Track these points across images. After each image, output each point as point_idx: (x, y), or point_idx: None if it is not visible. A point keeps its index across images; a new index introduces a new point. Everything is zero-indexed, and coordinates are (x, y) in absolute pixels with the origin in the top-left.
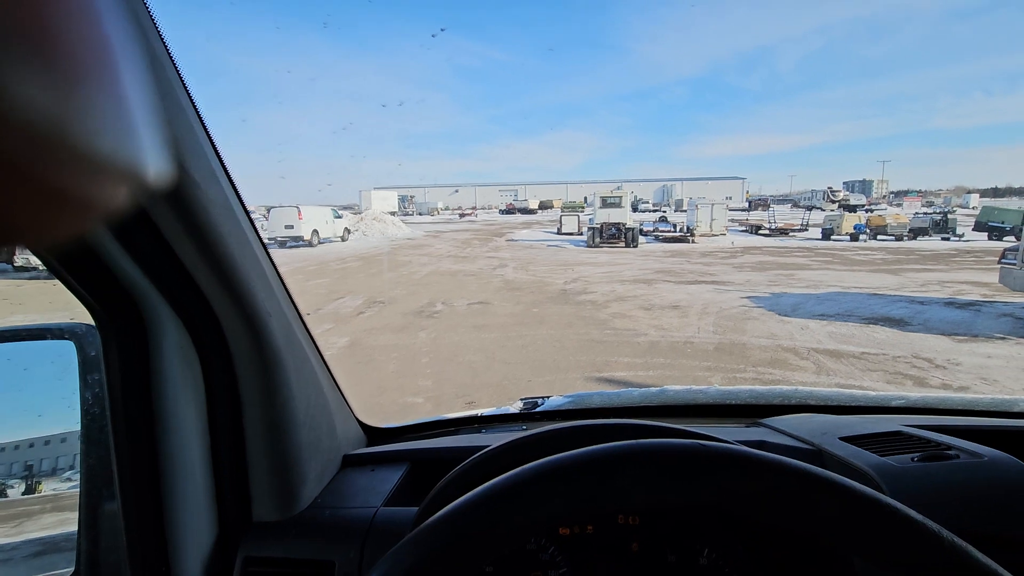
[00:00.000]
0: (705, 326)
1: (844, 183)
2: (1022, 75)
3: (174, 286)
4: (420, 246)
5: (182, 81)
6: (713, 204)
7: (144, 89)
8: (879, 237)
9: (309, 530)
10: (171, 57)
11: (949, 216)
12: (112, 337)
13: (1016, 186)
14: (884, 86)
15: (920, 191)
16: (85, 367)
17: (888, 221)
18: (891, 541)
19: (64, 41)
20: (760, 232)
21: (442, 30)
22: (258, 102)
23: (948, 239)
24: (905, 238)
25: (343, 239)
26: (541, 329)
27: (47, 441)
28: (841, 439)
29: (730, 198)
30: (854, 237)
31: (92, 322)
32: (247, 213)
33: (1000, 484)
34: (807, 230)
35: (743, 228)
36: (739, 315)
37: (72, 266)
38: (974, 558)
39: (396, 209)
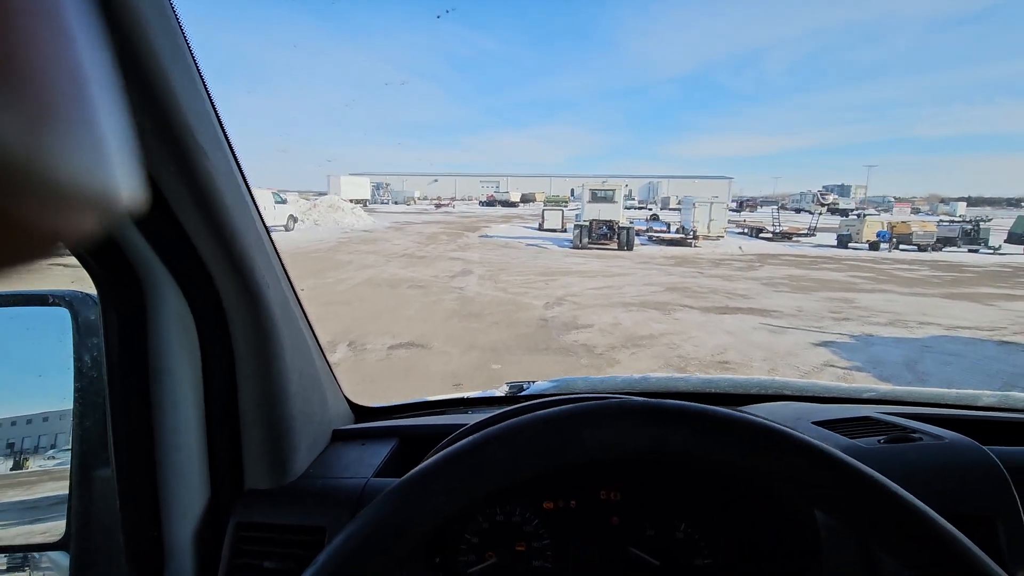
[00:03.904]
0: None
1: (824, 187)
2: (1000, 86)
3: (175, 253)
4: (374, 240)
5: (190, 49)
6: (712, 203)
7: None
8: (901, 247)
9: (301, 498)
10: (180, 25)
11: (982, 226)
12: (112, 302)
13: (987, 196)
14: (868, 92)
15: (896, 197)
16: (83, 332)
17: (914, 229)
18: (825, 483)
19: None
20: (762, 236)
21: (447, 11)
22: (244, 85)
23: (977, 251)
24: (930, 248)
25: (287, 228)
26: None
27: (46, 418)
28: (813, 423)
29: (717, 197)
30: (874, 246)
31: (89, 290)
32: (248, 185)
33: (959, 464)
34: (815, 235)
35: (741, 230)
36: None
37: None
38: (918, 509)
39: (369, 197)
